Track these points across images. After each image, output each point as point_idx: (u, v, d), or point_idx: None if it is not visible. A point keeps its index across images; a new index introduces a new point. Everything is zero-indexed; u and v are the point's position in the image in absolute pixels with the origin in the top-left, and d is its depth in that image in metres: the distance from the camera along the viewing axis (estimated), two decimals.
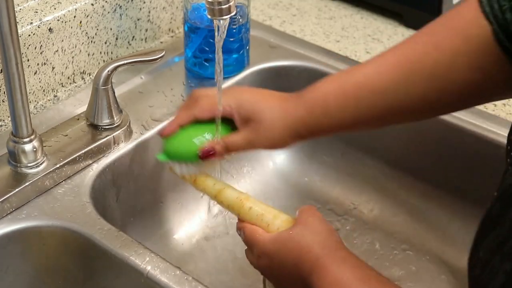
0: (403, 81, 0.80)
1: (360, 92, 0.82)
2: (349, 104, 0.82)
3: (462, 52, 0.76)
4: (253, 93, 0.88)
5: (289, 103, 0.85)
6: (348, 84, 0.83)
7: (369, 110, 0.82)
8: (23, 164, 0.91)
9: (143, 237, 1.01)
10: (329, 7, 1.31)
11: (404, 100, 0.81)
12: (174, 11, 1.20)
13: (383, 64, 0.82)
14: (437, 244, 1.08)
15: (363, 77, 0.83)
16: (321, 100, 0.84)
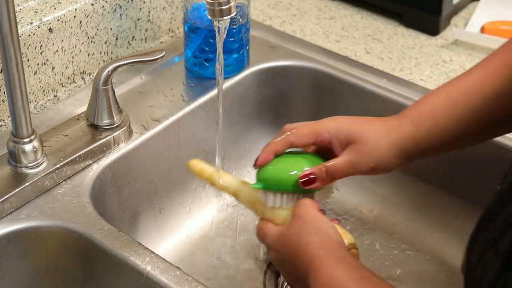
0: (511, 86, 0.77)
1: (470, 99, 0.78)
2: (459, 113, 0.78)
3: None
4: (351, 117, 0.83)
5: (392, 121, 0.80)
6: (456, 93, 0.79)
7: (481, 117, 0.78)
8: (23, 164, 0.91)
9: (143, 237, 1.01)
10: (329, 7, 1.31)
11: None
12: (174, 11, 1.20)
13: (491, 69, 0.78)
14: (437, 244, 1.08)
15: (472, 84, 0.79)
16: (429, 113, 0.79)
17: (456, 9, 1.27)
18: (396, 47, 1.20)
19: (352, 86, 1.12)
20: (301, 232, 0.74)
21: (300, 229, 0.75)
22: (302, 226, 0.75)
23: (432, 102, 0.80)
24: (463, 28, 1.24)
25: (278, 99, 1.18)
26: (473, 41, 1.19)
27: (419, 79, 1.13)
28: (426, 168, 1.10)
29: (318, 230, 0.74)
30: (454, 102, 0.79)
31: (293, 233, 0.75)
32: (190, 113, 1.07)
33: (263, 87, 1.16)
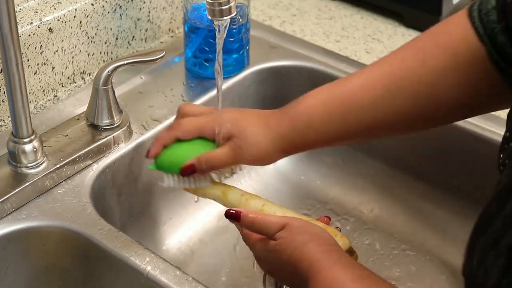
0: (388, 97, 0.80)
1: (344, 106, 0.82)
2: (333, 118, 0.83)
3: (450, 69, 0.77)
4: (234, 112, 0.89)
5: (271, 119, 0.86)
6: (333, 98, 0.83)
7: (354, 124, 0.82)
8: (23, 164, 0.91)
9: (143, 238, 1.01)
10: (329, 7, 1.31)
11: (390, 115, 0.81)
12: (174, 11, 1.20)
13: (369, 79, 0.82)
14: (437, 244, 1.08)
15: (348, 91, 0.83)
16: (305, 115, 0.84)
17: (456, 9, 1.27)
18: (396, 47, 1.19)
19: None
20: (295, 242, 0.75)
21: (293, 240, 0.75)
22: (295, 237, 0.75)
23: (310, 104, 0.84)
24: None
25: (278, 99, 1.18)
26: None
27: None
28: (427, 168, 1.10)
29: (312, 237, 0.75)
30: (330, 107, 0.83)
31: (286, 245, 0.75)
32: None
33: (263, 87, 1.16)
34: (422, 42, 0.81)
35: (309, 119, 0.84)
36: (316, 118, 0.83)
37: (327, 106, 0.83)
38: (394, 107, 0.80)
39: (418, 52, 0.80)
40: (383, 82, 0.81)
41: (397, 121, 0.82)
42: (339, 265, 0.71)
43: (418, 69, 0.79)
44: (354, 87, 0.83)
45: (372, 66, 0.84)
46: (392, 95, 0.80)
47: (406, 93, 0.79)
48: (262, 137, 0.85)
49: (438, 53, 0.78)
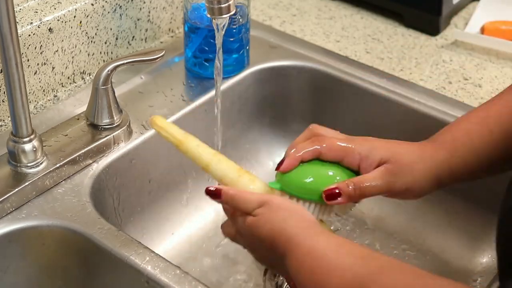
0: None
1: (506, 124, 0.77)
2: (495, 138, 0.77)
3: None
4: (385, 140, 0.80)
5: (428, 146, 0.79)
6: (489, 118, 0.78)
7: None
8: (23, 164, 0.91)
9: (143, 237, 1.01)
10: (329, 7, 1.31)
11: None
12: (174, 11, 1.20)
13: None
14: (437, 244, 1.08)
15: (503, 107, 0.78)
16: (464, 139, 0.78)
17: (456, 9, 1.27)
18: (396, 47, 1.20)
19: (352, 86, 1.12)
20: (274, 218, 0.73)
21: (272, 216, 0.73)
22: (275, 213, 0.73)
23: (466, 128, 0.79)
24: (463, 28, 1.24)
25: (278, 99, 1.18)
26: (472, 41, 1.20)
27: (419, 79, 1.13)
28: None
29: (291, 213, 0.73)
30: (489, 127, 0.77)
31: (264, 221, 0.73)
32: (190, 113, 1.07)
33: (263, 87, 1.16)
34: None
35: (469, 141, 0.77)
36: (476, 140, 0.77)
37: (486, 126, 0.77)
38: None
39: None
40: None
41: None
42: (321, 236, 0.70)
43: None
44: (507, 102, 0.78)
45: None
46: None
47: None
48: (418, 165, 0.77)
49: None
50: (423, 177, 0.77)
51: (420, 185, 0.78)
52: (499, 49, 1.18)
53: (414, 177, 0.77)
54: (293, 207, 0.75)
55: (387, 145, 0.78)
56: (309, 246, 0.69)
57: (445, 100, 1.08)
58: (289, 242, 0.70)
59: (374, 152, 0.77)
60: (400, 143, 0.79)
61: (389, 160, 0.77)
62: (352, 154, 0.77)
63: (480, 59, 1.17)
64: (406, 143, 0.80)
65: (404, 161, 0.77)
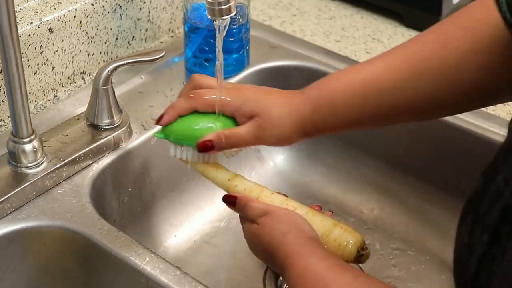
0: (411, 80, 0.80)
1: (367, 90, 0.81)
2: (355, 102, 0.82)
3: (472, 51, 0.76)
4: (256, 90, 0.87)
5: (295, 100, 0.84)
6: (355, 81, 0.82)
7: (376, 108, 0.82)
8: (23, 164, 0.91)
9: (143, 237, 1.01)
10: (329, 7, 1.31)
11: (411, 99, 0.80)
12: (174, 11, 1.20)
13: (391, 62, 0.81)
14: (437, 244, 1.08)
15: (370, 75, 0.82)
16: (328, 98, 0.83)
17: (456, 9, 1.27)
18: None
19: None
20: (273, 231, 0.76)
21: (272, 229, 0.77)
22: (275, 225, 0.77)
23: (332, 87, 0.84)
24: None
25: None
26: None
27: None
28: (427, 168, 1.10)
29: (290, 228, 0.76)
30: (352, 90, 0.82)
31: (265, 233, 0.77)
32: None
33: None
34: (444, 25, 0.80)
35: (331, 102, 0.83)
36: (338, 101, 0.82)
37: (350, 89, 0.82)
38: (416, 90, 0.80)
39: (440, 34, 0.79)
40: (406, 64, 0.80)
41: (417, 105, 0.81)
42: (314, 257, 0.73)
43: (440, 50, 0.78)
44: (376, 70, 0.82)
45: (394, 49, 0.83)
46: (414, 77, 0.80)
47: (428, 75, 0.79)
48: (285, 118, 0.83)
49: (460, 34, 0.77)
50: (289, 130, 0.83)
51: (288, 136, 0.84)
52: None
53: (282, 130, 0.83)
54: (293, 221, 0.77)
55: (257, 97, 0.84)
56: (303, 267, 0.72)
57: None
58: (286, 260, 0.74)
59: (246, 104, 0.84)
60: (271, 94, 0.85)
61: (259, 114, 0.83)
62: (226, 105, 0.84)
63: None
64: (277, 93, 0.86)
65: (272, 115, 0.83)
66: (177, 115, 0.85)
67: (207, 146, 0.83)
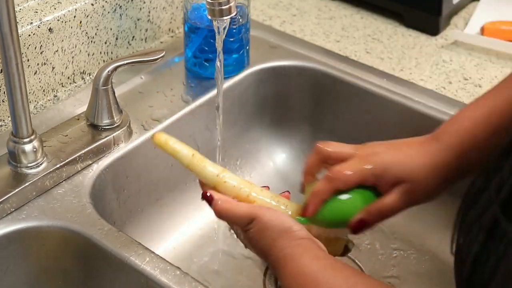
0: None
1: (506, 118, 0.78)
2: (499, 135, 0.78)
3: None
4: (390, 151, 0.81)
5: (434, 153, 0.80)
6: (490, 114, 0.79)
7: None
8: (23, 164, 0.91)
9: (143, 237, 1.01)
10: (329, 7, 1.31)
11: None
12: (174, 11, 1.20)
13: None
14: (437, 244, 1.08)
15: (506, 101, 0.79)
16: (469, 140, 0.79)
17: (456, 9, 1.27)
18: (396, 47, 1.20)
19: (352, 86, 1.12)
20: (263, 239, 0.76)
21: (262, 236, 0.76)
22: (263, 233, 0.76)
23: (470, 127, 0.80)
24: (463, 28, 1.24)
25: (278, 99, 1.18)
26: (472, 42, 1.20)
27: (419, 79, 1.13)
28: None
29: (280, 233, 0.75)
30: (493, 125, 0.79)
31: (256, 240, 0.77)
32: (190, 113, 1.07)
33: (263, 87, 1.16)
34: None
35: (474, 143, 0.79)
36: (481, 140, 0.79)
37: (489, 123, 0.79)
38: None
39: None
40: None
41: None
42: (304, 258, 0.72)
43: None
44: (510, 94, 0.79)
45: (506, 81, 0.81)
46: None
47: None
48: (434, 178, 0.79)
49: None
50: (438, 186, 0.80)
51: (435, 192, 0.81)
52: (499, 50, 1.18)
53: (430, 189, 0.80)
54: (281, 224, 0.76)
55: (398, 161, 0.80)
56: (295, 268, 0.72)
57: (445, 100, 1.08)
58: (278, 262, 0.74)
59: (388, 172, 0.79)
60: (407, 153, 0.80)
61: (404, 180, 0.79)
62: (367, 178, 0.79)
63: (480, 59, 1.17)
64: (412, 149, 0.81)
65: (419, 178, 0.79)
66: (322, 202, 0.79)
67: (362, 226, 0.79)
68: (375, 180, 0.79)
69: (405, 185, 0.79)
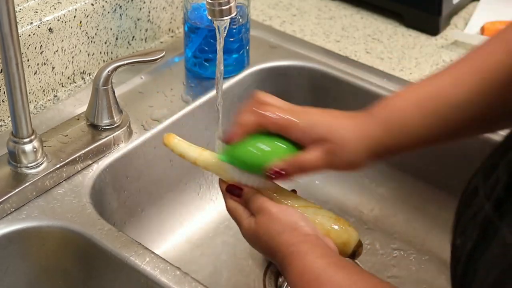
0: (480, 92, 0.78)
1: (437, 106, 0.79)
2: (426, 119, 0.79)
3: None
4: (323, 113, 0.82)
5: (363, 122, 0.81)
6: (424, 98, 0.80)
7: (447, 123, 0.79)
8: (23, 164, 0.91)
9: (143, 237, 1.01)
10: (329, 7, 1.31)
11: (482, 112, 0.78)
12: (174, 11, 1.20)
13: (458, 74, 0.79)
14: (437, 244, 1.08)
15: (439, 90, 0.80)
16: (398, 118, 0.80)
17: (456, 9, 1.27)
18: (396, 47, 1.20)
19: (352, 86, 1.12)
20: (270, 232, 0.76)
21: (268, 229, 0.76)
22: (270, 226, 0.77)
23: (401, 106, 0.81)
24: (463, 28, 1.24)
25: None
26: (472, 42, 1.20)
27: (419, 79, 1.12)
28: (426, 169, 1.10)
29: (285, 228, 0.76)
30: (422, 108, 0.80)
31: (263, 232, 0.77)
32: (190, 113, 1.07)
33: (263, 87, 1.16)
34: (507, 33, 0.79)
35: (402, 122, 0.80)
36: (409, 120, 0.80)
37: (419, 106, 0.80)
38: (487, 102, 0.78)
39: (505, 43, 0.78)
40: (474, 77, 0.78)
41: (489, 117, 0.79)
42: (310, 256, 0.73)
43: (506, 60, 0.76)
44: (444, 84, 0.80)
45: (458, 62, 0.81)
46: (483, 89, 0.78)
47: (497, 86, 0.77)
48: (356, 143, 0.80)
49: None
50: (361, 154, 0.80)
51: (359, 160, 0.81)
52: None
53: (353, 155, 0.80)
54: (288, 219, 0.77)
55: (325, 121, 0.81)
56: (301, 267, 0.72)
57: None
58: (284, 260, 0.74)
59: (314, 128, 0.80)
60: (338, 117, 0.82)
61: (329, 139, 0.79)
62: (294, 128, 0.80)
63: None
64: (344, 116, 0.82)
65: (342, 140, 0.80)
66: (245, 133, 0.80)
67: (278, 174, 0.79)
68: (300, 134, 0.80)
69: (328, 145, 0.79)
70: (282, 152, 0.80)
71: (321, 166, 0.80)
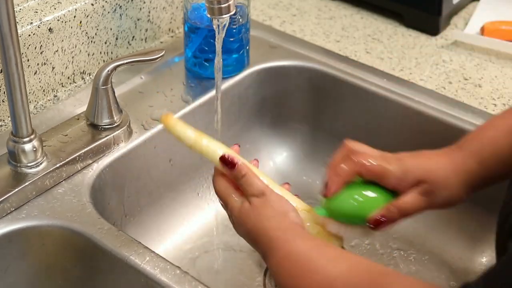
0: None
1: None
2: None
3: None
4: (415, 156, 0.83)
5: (456, 157, 0.82)
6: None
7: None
8: (23, 164, 0.91)
9: (143, 237, 1.01)
10: (329, 7, 1.31)
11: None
12: (174, 11, 1.20)
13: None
14: (437, 244, 1.08)
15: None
16: (490, 148, 0.81)
17: (456, 9, 1.27)
18: (396, 47, 1.20)
19: (352, 86, 1.12)
20: (259, 216, 0.77)
21: (259, 213, 0.77)
22: (262, 210, 0.77)
23: (492, 136, 0.82)
24: (463, 28, 1.24)
25: (278, 99, 1.18)
26: (472, 42, 1.20)
27: (419, 79, 1.13)
28: None
29: (275, 213, 0.77)
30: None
31: (253, 215, 0.78)
32: (190, 113, 1.07)
33: (263, 87, 1.16)
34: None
35: (496, 152, 0.81)
36: (502, 150, 0.80)
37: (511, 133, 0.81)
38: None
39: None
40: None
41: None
42: (297, 239, 0.74)
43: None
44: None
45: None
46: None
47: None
48: (452, 179, 0.81)
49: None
50: (458, 189, 0.81)
51: (457, 196, 0.82)
52: (499, 50, 1.18)
53: (451, 191, 0.81)
54: (280, 206, 0.78)
55: (419, 164, 0.81)
56: (287, 250, 0.73)
57: (445, 100, 1.08)
58: (269, 244, 0.75)
59: (408, 174, 0.80)
60: (431, 157, 0.82)
61: (425, 180, 0.80)
62: (388, 175, 0.80)
63: (480, 59, 1.17)
64: (436, 155, 0.82)
65: (439, 178, 0.80)
66: (342, 183, 0.80)
67: (380, 222, 0.79)
68: (396, 182, 0.80)
69: (425, 185, 0.80)
70: (381, 201, 0.80)
71: (421, 207, 0.81)
